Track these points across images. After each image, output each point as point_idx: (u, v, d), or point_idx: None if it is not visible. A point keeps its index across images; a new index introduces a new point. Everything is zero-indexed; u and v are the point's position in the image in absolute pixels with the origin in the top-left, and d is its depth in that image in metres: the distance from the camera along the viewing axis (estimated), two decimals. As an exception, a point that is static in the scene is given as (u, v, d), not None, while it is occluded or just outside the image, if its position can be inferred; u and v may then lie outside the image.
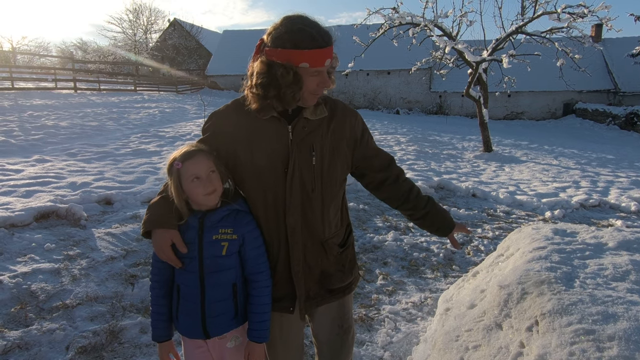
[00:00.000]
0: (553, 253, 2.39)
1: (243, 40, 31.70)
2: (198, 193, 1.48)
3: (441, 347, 2.24)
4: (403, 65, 24.46)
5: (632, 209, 6.24)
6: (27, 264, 3.42)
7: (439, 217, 1.82)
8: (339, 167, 1.63)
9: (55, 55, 40.12)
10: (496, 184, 7.69)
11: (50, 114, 11.89)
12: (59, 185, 5.43)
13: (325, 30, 1.45)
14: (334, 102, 1.66)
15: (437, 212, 1.82)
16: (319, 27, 1.43)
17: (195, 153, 1.51)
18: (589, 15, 9.88)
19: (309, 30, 1.40)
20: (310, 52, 1.40)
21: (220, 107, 1.66)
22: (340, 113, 1.64)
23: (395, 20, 11.66)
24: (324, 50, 1.42)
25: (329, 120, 1.59)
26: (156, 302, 1.61)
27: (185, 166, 1.48)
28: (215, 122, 1.61)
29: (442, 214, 1.83)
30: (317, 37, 1.41)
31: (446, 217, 1.83)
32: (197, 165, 1.48)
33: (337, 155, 1.61)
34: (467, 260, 4.30)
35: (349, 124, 1.64)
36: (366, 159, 1.71)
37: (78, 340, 2.61)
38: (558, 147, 14.16)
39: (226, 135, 1.57)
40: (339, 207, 1.70)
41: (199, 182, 1.47)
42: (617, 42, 26.41)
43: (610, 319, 1.68)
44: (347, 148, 1.63)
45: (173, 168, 1.49)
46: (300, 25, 1.41)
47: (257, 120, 1.53)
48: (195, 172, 1.47)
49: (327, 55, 1.44)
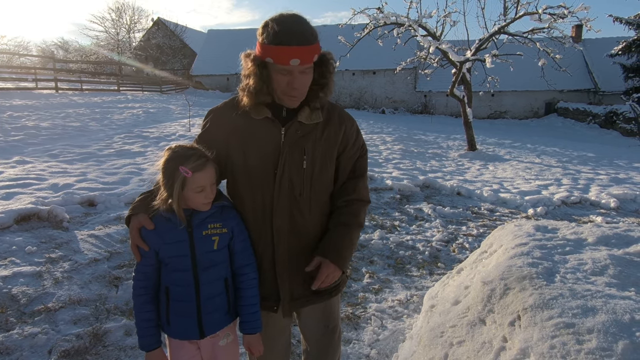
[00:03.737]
0: (535, 249, 2.43)
1: (228, 39, 31.51)
2: (199, 202, 1.49)
3: (426, 344, 2.27)
4: (388, 65, 24.60)
5: (611, 205, 6.39)
6: (8, 267, 3.34)
7: (331, 243, 1.61)
8: (329, 173, 1.63)
9: (35, 54, 39.30)
10: (480, 182, 7.79)
11: (31, 114, 11.64)
12: (40, 187, 5.32)
13: (300, 30, 1.40)
14: (332, 108, 1.65)
15: (334, 239, 1.61)
16: (293, 25, 1.40)
17: (206, 164, 1.48)
18: (569, 16, 10.09)
19: (275, 27, 1.39)
20: (273, 48, 1.40)
21: (218, 104, 1.69)
22: (336, 119, 1.63)
23: (380, 20, 11.73)
24: (288, 48, 1.38)
25: (323, 125, 1.59)
26: (143, 308, 1.56)
27: (195, 177, 1.45)
28: (212, 118, 1.64)
29: (337, 245, 1.60)
30: (281, 34, 1.38)
31: (327, 245, 1.61)
32: (206, 177, 1.48)
33: (329, 161, 1.61)
34: (452, 257, 4.35)
35: (344, 129, 1.64)
36: (344, 165, 1.67)
37: (61, 344, 2.57)
38: (540, 145, 14.40)
39: (221, 132, 1.59)
40: (328, 212, 1.69)
41: (202, 193, 1.48)
42: (596, 43, 26.96)
43: (589, 312, 1.72)
44: (337, 153, 1.64)
45: (179, 173, 1.44)
46: (270, 21, 1.42)
47: (252, 120, 1.54)
48: (202, 183, 1.47)
49: (293, 54, 1.39)
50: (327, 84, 1.53)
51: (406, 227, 5.20)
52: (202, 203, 1.50)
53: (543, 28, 10.74)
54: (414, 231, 5.06)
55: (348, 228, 1.63)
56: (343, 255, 1.60)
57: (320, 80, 1.52)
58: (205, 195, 1.49)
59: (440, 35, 12.16)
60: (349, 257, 1.65)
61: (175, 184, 1.44)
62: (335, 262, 1.57)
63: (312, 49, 1.42)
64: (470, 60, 11.48)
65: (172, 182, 1.44)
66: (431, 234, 4.99)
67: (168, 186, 1.46)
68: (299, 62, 1.40)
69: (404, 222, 5.34)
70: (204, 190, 1.48)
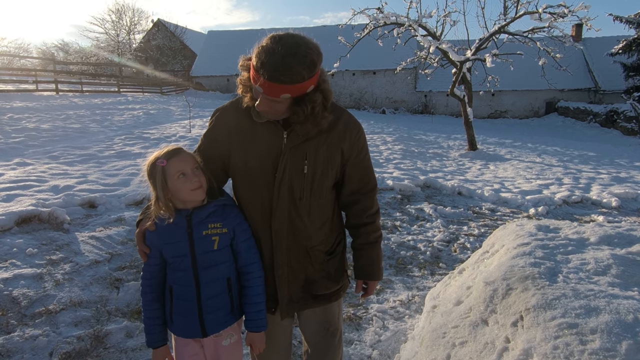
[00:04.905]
0: (537, 249, 2.42)
1: (228, 40, 31.52)
2: (185, 189, 1.48)
3: (428, 344, 2.26)
4: (388, 65, 24.58)
5: (613, 204, 6.37)
6: (8, 270, 3.34)
7: (367, 264, 1.76)
8: (330, 179, 1.61)
9: (35, 56, 39.20)
10: (481, 182, 7.78)
11: (31, 116, 11.65)
12: (40, 189, 5.32)
13: (275, 64, 1.32)
14: (340, 113, 1.61)
15: (370, 260, 1.76)
16: (273, 57, 1.32)
17: (179, 150, 1.52)
18: (569, 15, 10.08)
19: (262, 50, 1.35)
20: (254, 68, 1.38)
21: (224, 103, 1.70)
22: (342, 125, 1.59)
23: (380, 20, 11.72)
24: (258, 76, 1.36)
25: (327, 131, 1.56)
26: (149, 306, 1.60)
27: (170, 163, 1.48)
28: (217, 117, 1.64)
29: (373, 266, 1.76)
30: (261, 59, 1.34)
31: (368, 267, 1.76)
32: (182, 161, 1.49)
33: (331, 167, 1.59)
34: (454, 257, 4.34)
35: (348, 137, 1.60)
36: (349, 174, 1.66)
37: (62, 346, 2.56)
38: (541, 145, 14.39)
39: (225, 132, 1.60)
40: (329, 217, 1.68)
41: (185, 179, 1.48)
42: (596, 42, 26.95)
43: (592, 312, 1.71)
44: (340, 160, 1.61)
45: (156, 167, 1.48)
46: (267, 40, 1.37)
47: (255, 122, 1.54)
48: (180, 168, 1.48)
49: (260, 82, 1.35)
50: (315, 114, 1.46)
51: (407, 227, 5.19)
52: (190, 190, 1.49)
53: (543, 27, 10.73)
54: (415, 231, 5.05)
55: (377, 244, 1.76)
56: (380, 268, 1.79)
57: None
58: (188, 181, 1.48)
59: (441, 35, 12.15)
60: (382, 265, 1.84)
61: (157, 178, 1.48)
62: (378, 278, 1.79)
63: (279, 87, 1.35)
64: (471, 60, 11.47)
65: (154, 179, 1.49)
66: (432, 234, 4.98)
67: (154, 184, 1.50)
68: (262, 91, 1.37)
69: (405, 223, 5.33)
70: (185, 176, 1.48)
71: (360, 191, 1.69)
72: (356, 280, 1.80)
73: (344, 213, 1.79)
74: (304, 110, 1.41)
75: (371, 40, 13.10)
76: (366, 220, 1.72)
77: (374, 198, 1.74)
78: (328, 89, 1.47)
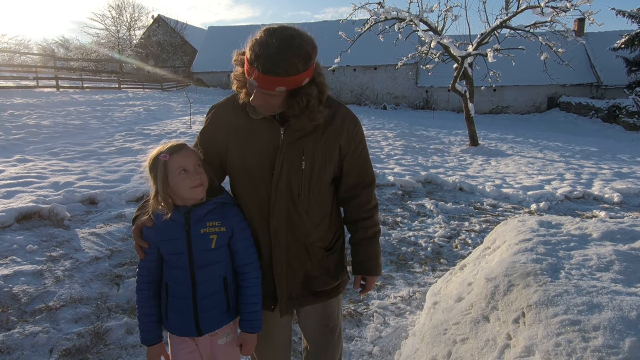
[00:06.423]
0: (538, 245, 2.40)
1: (228, 36, 31.43)
2: (185, 186, 1.47)
3: (429, 341, 2.24)
4: (389, 61, 24.49)
5: (615, 200, 6.34)
6: (9, 266, 3.34)
7: (366, 259, 1.75)
8: (328, 174, 1.60)
9: (36, 53, 39.09)
10: (483, 178, 7.75)
11: (32, 112, 11.63)
12: (41, 185, 5.31)
13: (268, 55, 1.30)
14: (337, 108, 1.59)
15: (368, 255, 1.74)
16: (267, 48, 1.30)
17: (183, 146, 1.51)
18: (572, 10, 10.02)
19: (257, 41, 1.34)
20: (248, 62, 1.36)
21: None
22: (339, 120, 1.57)
23: (380, 15, 11.67)
24: (251, 68, 1.34)
25: (324, 126, 1.54)
26: (145, 303, 1.59)
27: (172, 158, 1.47)
28: (213, 114, 1.63)
29: (371, 261, 1.74)
30: (255, 51, 1.33)
31: (366, 263, 1.75)
32: (185, 157, 1.48)
33: (329, 163, 1.57)
34: (455, 253, 4.33)
35: (346, 132, 1.58)
36: (347, 169, 1.65)
37: (62, 342, 2.56)
38: (543, 140, 14.34)
39: (221, 129, 1.58)
40: (328, 213, 1.66)
41: (186, 175, 1.46)
42: (599, 36, 26.81)
43: (595, 309, 1.70)
44: (338, 155, 1.59)
45: (158, 161, 1.47)
46: (261, 33, 1.36)
47: (251, 119, 1.52)
48: (183, 164, 1.47)
49: (254, 74, 1.34)
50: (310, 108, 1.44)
51: (408, 223, 5.18)
52: (190, 187, 1.47)
53: (545, 22, 10.67)
54: (416, 227, 5.04)
55: (375, 239, 1.74)
56: (378, 264, 1.76)
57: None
58: (190, 178, 1.46)
59: (442, 30, 12.09)
60: (381, 260, 1.80)
61: (158, 172, 1.47)
62: (376, 273, 1.76)
63: (274, 80, 1.33)
64: (472, 55, 11.41)
65: (155, 172, 1.48)
66: (433, 229, 4.97)
67: (154, 178, 1.48)
68: (256, 84, 1.36)
69: (406, 218, 5.32)
70: (187, 172, 1.46)
71: (359, 186, 1.67)
72: (354, 275, 1.80)
73: (342, 208, 1.77)
74: (299, 103, 1.39)
75: (372, 35, 13.05)
76: (364, 215, 1.70)
77: (373, 193, 1.72)
78: (323, 83, 1.45)
